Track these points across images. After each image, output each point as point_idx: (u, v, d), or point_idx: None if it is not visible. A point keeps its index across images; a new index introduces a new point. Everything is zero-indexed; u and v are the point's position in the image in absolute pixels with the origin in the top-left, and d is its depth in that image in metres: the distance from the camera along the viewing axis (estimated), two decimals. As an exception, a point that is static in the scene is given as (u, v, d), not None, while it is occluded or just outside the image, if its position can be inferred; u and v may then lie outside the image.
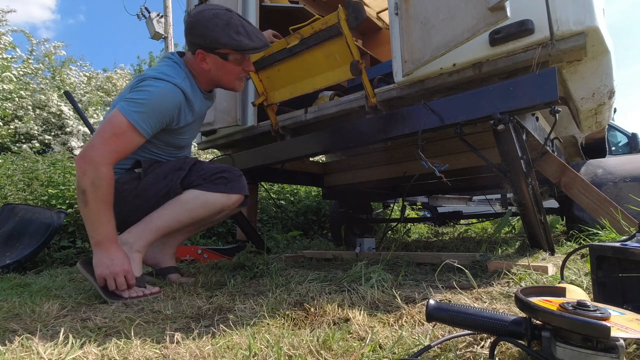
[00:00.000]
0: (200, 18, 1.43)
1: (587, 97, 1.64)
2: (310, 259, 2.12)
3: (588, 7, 1.25)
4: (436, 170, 1.44)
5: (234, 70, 1.53)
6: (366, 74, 1.60)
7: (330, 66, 1.69)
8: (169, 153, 1.59)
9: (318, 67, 1.73)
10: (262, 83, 1.93)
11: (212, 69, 1.50)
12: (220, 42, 1.43)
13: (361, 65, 1.56)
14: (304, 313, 0.97)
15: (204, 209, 1.45)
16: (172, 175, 1.46)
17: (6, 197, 3.12)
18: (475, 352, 0.68)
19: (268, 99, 1.95)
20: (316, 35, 1.63)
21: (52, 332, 0.94)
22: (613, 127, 5.48)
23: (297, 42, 1.70)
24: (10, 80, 8.54)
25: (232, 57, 1.49)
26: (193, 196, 1.44)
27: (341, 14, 1.51)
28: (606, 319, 0.54)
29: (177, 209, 1.43)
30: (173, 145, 1.59)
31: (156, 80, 1.39)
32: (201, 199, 1.44)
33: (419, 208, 5.63)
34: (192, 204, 1.43)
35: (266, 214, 4.40)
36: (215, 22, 1.42)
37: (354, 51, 1.56)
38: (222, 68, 1.50)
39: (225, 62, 1.49)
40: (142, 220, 1.43)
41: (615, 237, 1.56)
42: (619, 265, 0.82)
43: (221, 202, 1.47)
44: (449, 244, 2.62)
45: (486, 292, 1.11)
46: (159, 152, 1.57)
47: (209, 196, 1.45)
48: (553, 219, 3.80)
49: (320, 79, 1.75)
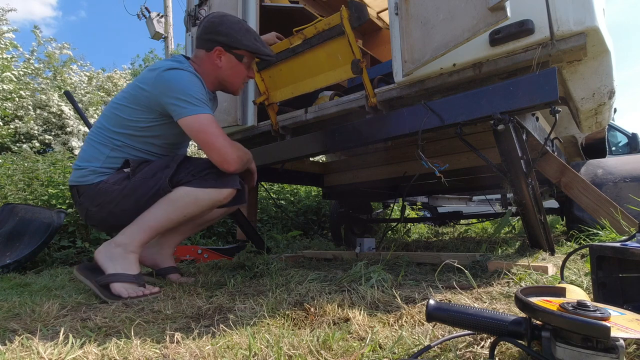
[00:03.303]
0: (226, 20, 1.56)
1: (587, 97, 1.64)
2: (310, 259, 2.12)
3: (588, 7, 1.25)
4: (436, 170, 1.44)
5: (243, 73, 1.63)
6: (367, 73, 1.60)
7: (332, 65, 1.69)
8: (164, 151, 1.58)
9: (319, 67, 1.74)
10: (264, 82, 1.94)
11: (225, 67, 1.57)
12: (243, 43, 1.55)
13: (362, 63, 1.56)
14: (304, 313, 0.97)
15: (195, 205, 1.44)
16: (160, 173, 1.44)
17: (6, 196, 3.12)
18: (475, 352, 0.68)
19: (269, 98, 1.96)
20: (319, 35, 1.65)
21: (52, 331, 0.94)
22: (613, 127, 5.49)
23: (300, 42, 1.71)
24: (11, 80, 8.54)
25: (245, 60, 1.60)
26: (183, 193, 1.42)
27: (344, 13, 1.52)
28: (606, 319, 0.54)
29: (168, 207, 1.42)
30: (174, 142, 1.59)
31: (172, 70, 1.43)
32: (191, 196, 1.42)
33: (419, 208, 5.63)
34: (182, 201, 1.42)
35: (266, 214, 4.39)
36: (240, 26, 1.57)
37: (356, 50, 1.57)
38: (234, 68, 1.59)
39: (239, 63, 1.59)
40: (135, 220, 1.42)
41: (615, 237, 1.55)
42: (619, 266, 0.82)
43: (212, 198, 1.45)
44: (449, 244, 2.62)
45: (486, 292, 1.11)
46: (155, 151, 1.55)
47: (199, 192, 1.43)
48: (553, 219, 3.81)
49: (322, 78, 1.76)
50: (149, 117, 1.47)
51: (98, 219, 1.51)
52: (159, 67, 1.45)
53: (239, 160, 1.47)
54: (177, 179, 1.43)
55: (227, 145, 1.43)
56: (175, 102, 1.40)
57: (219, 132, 1.43)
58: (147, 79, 1.45)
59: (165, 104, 1.42)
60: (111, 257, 1.37)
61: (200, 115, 1.40)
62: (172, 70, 1.43)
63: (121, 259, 1.36)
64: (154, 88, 1.43)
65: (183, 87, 1.40)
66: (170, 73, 1.43)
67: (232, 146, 1.45)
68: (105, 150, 1.48)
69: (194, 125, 1.41)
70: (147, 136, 1.51)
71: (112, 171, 1.48)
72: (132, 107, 1.47)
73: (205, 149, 1.43)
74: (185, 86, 1.41)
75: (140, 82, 1.48)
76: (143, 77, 1.48)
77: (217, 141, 1.41)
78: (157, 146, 1.55)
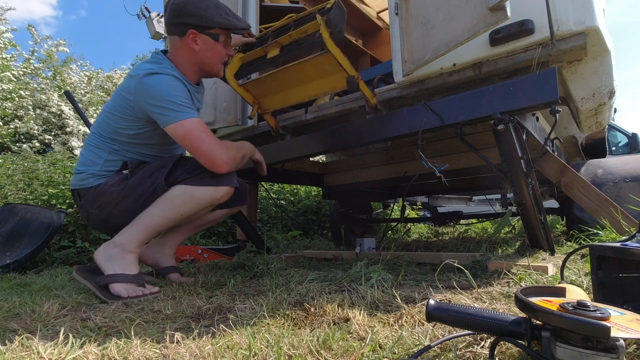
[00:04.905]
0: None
1: (587, 97, 1.64)
2: (310, 259, 2.12)
3: (588, 7, 1.25)
4: (436, 170, 1.44)
5: (222, 53, 1.55)
6: (364, 84, 1.57)
7: (324, 74, 1.63)
8: (159, 152, 1.58)
9: (309, 77, 1.67)
10: (250, 92, 1.86)
11: (202, 49, 1.51)
12: (214, 20, 1.47)
13: (357, 79, 1.52)
14: (304, 313, 0.97)
15: (193, 203, 1.43)
16: (157, 173, 1.44)
17: (6, 196, 3.11)
18: (475, 352, 0.68)
19: (261, 107, 1.91)
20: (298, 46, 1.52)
21: (52, 331, 0.94)
22: (613, 127, 5.48)
23: (277, 53, 1.59)
24: (10, 80, 8.54)
25: (221, 39, 1.53)
26: (180, 192, 1.41)
27: (324, 33, 1.39)
28: (606, 319, 0.54)
29: (165, 206, 1.41)
30: (168, 144, 1.57)
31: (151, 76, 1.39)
32: (188, 194, 1.41)
33: (419, 208, 5.63)
34: (179, 200, 1.41)
35: (266, 214, 4.39)
36: (207, 3, 1.47)
37: (347, 67, 1.50)
38: (212, 49, 1.52)
39: (215, 43, 1.52)
40: (133, 220, 1.42)
41: (615, 237, 1.55)
42: (619, 265, 0.82)
43: (209, 196, 1.44)
44: (449, 244, 2.62)
45: (486, 292, 1.11)
46: (151, 154, 1.55)
47: (195, 190, 1.41)
48: (553, 219, 3.80)
49: (315, 86, 1.70)
50: (137, 124, 1.46)
51: (99, 220, 1.51)
52: (138, 73, 1.42)
53: (231, 161, 1.44)
54: (174, 177, 1.43)
55: (214, 149, 1.39)
56: (157, 110, 1.38)
57: (205, 136, 1.39)
58: (129, 87, 1.43)
59: (148, 112, 1.41)
60: (110, 258, 1.37)
61: (183, 121, 1.37)
62: (151, 76, 1.39)
63: (120, 259, 1.36)
64: (135, 97, 1.41)
65: (163, 93, 1.37)
66: (149, 79, 1.39)
67: (222, 148, 1.42)
68: (103, 154, 1.49)
69: (179, 132, 1.38)
70: (139, 142, 1.51)
71: (111, 174, 1.49)
72: (120, 115, 1.46)
73: (193, 154, 1.42)
74: (165, 92, 1.38)
75: (123, 90, 1.47)
76: (125, 85, 1.47)
77: (203, 146, 1.38)
78: (151, 149, 1.55)
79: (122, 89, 1.47)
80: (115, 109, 1.47)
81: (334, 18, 1.40)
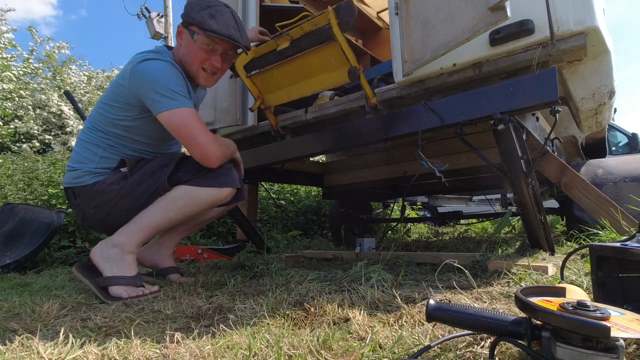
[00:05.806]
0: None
1: (587, 97, 1.64)
2: (310, 259, 2.12)
3: (588, 7, 1.25)
4: (436, 170, 1.44)
5: (198, 55, 1.45)
6: (364, 78, 1.58)
7: (327, 69, 1.66)
8: (156, 148, 1.55)
9: (313, 70, 1.69)
10: (257, 86, 1.89)
11: (183, 45, 1.47)
12: (191, 16, 1.40)
13: (359, 70, 1.53)
14: (304, 313, 0.97)
15: (196, 204, 1.41)
16: (159, 172, 1.42)
17: (6, 196, 3.11)
18: (475, 352, 0.68)
19: (264, 102, 1.92)
20: (307, 38, 1.57)
21: (52, 331, 0.94)
22: (613, 127, 5.48)
23: (287, 45, 1.63)
24: (10, 79, 8.54)
25: (199, 40, 1.42)
26: (183, 192, 1.39)
27: (332, 20, 1.45)
28: (606, 319, 0.54)
29: (168, 206, 1.39)
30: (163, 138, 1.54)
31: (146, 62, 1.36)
32: (191, 195, 1.40)
33: (419, 208, 5.63)
34: (182, 200, 1.39)
35: (266, 214, 4.39)
36: (203, 2, 1.42)
37: (350, 56, 1.52)
38: (189, 47, 1.45)
39: (192, 42, 1.43)
40: (132, 220, 1.39)
41: (615, 237, 1.55)
42: (619, 265, 0.82)
43: (213, 197, 1.42)
44: (449, 244, 2.62)
45: (486, 292, 1.11)
46: (146, 150, 1.52)
47: (199, 191, 1.40)
48: (553, 219, 3.80)
49: (318, 81, 1.72)
50: (131, 114, 1.43)
51: (96, 220, 1.49)
52: (134, 59, 1.39)
53: (223, 157, 1.44)
54: (177, 177, 1.41)
55: (209, 142, 1.37)
56: (151, 95, 1.33)
57: (201, 127, 1.37)
58: (124, 73, 1.41)
59: (142, 98, 1.37)
60: (108, 258, 1.35)
61: (179, 109, 1.34)
62: (146, 62, 1.36)
63: (118, 260, 1.35)
64: (130, 82, 1.37)
65: (158, 79, 1.33)
66: (144, 65, 1.35)
67: (216, 142, 1.40)
68: (98, 151, 1.46)
69: (173, 120, 1.34)
70: (134, 137, 1.47)
71: (107, 171, 1.46)
72: (114, 104, 1.43)
73: (186, 145, 1.39)
74: (160, 78, 1.33)
75: (119, 77, 1.44)
76: (122, 72, 1.44)
77: (197, 138, 1.35)
78: (146, 144, 1.51)
79: (119, 76, 1.45)
80: (110, 98, 1.44)
81: (344, 8, 1.45)
